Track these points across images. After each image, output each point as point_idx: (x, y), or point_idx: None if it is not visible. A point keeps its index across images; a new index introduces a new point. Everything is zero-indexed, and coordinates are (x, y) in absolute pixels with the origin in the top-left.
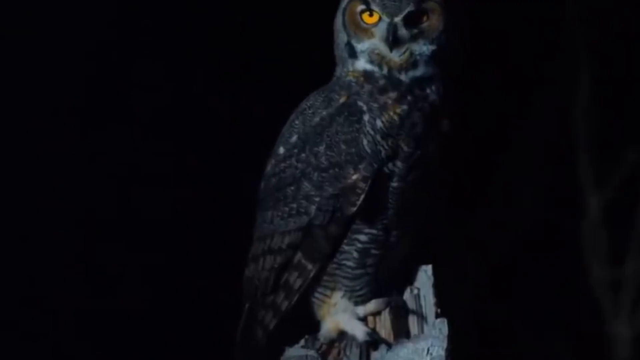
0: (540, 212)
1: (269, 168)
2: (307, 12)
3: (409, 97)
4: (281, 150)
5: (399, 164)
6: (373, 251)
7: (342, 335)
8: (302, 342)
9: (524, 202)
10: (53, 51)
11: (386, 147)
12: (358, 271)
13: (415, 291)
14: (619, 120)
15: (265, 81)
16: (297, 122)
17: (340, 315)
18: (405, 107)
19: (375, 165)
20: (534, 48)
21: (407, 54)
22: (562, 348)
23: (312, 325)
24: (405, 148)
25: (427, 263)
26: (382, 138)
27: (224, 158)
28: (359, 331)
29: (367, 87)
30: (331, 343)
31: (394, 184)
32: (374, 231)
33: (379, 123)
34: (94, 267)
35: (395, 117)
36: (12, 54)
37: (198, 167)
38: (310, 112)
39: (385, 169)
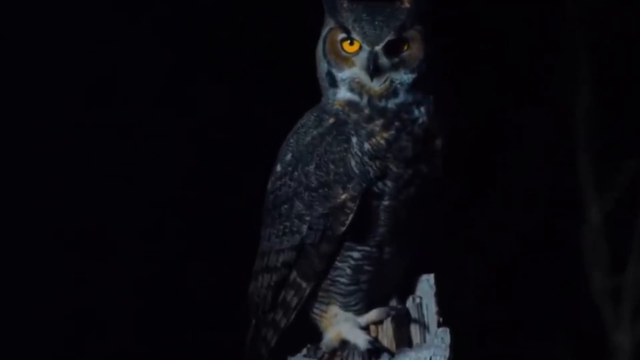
0: (541, 218)
1: (269, 185)
2: (307, 12)
3: (396, 123)
4: (278, 168)
5: (389, 183)
6: (366, 267)
7: (344, 344)
8: (304, 351)
9: (525, 206)
10: (53, 51)
11: (375, 167)
12: (351, 287)
13: (418, 300)
14: (619, 124)
15: (265, 81)
16: (292, 140)
17: (342, 324)
18: (392, 132)
19: (364, 185)
20: (534, 48)
21: (387, 82)
22: (562, 355)
23: (314, 339)
24: (395, 169)
25: (428, 272)
26: (370, 159)
27: (224, 158)
28: (361, 340)
29: (354, 116)
30: (333, 352)
31: (385, 203)
32: (367, 248)
33: (366, 146)
34: (93, 268)
35: (382, 142)
36: (12, 54)
37: (198, 167)
38: (303, 130)
39: (375, 189)
